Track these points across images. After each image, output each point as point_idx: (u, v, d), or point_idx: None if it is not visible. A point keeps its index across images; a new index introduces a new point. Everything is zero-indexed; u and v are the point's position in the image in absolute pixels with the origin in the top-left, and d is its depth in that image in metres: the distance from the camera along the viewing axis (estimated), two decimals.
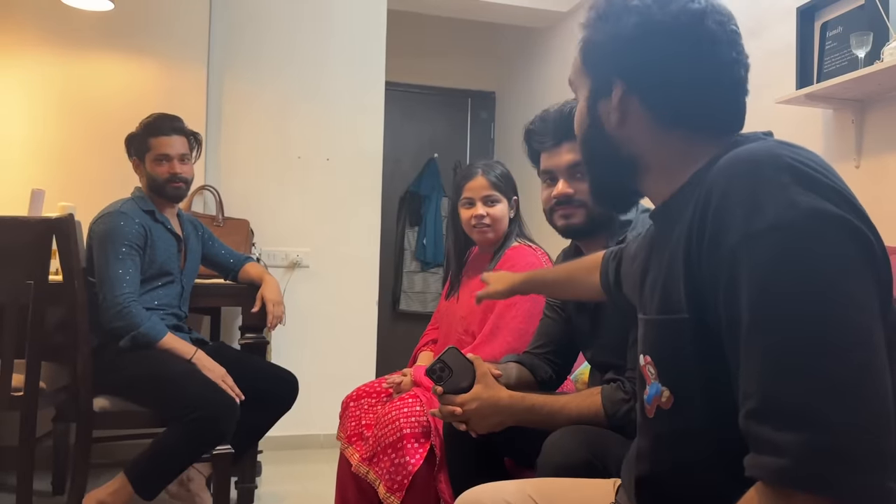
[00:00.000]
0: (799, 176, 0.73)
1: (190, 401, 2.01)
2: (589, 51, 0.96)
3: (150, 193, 2.33)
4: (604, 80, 0.94)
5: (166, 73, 3.21)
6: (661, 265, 0.88)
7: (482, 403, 1.37)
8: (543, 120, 1.59)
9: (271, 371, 2.43)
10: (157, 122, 2.32)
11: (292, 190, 3.48)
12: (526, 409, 1.38)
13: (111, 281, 2.12)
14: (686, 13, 0.88)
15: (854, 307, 0.68)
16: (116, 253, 2.15)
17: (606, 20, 0.93)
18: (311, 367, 3.21)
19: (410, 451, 1.74)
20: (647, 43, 0.89)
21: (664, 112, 0.90)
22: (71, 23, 3.05)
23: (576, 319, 1.63)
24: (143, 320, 2.11)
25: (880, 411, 0.66)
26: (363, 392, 2.11)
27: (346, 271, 3.55)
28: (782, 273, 0.70)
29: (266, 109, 3.45)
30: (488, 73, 4.94)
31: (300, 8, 3.50)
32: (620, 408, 1.32)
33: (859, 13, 2.07)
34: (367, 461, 1.85)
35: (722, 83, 0.89)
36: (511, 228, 2.09)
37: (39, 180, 2.82)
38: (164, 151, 2.29)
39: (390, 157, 4.14)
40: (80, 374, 2.05)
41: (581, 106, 0.99)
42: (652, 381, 0.89)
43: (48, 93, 3.08)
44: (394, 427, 1.80)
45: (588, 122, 0.97)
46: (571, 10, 3.81)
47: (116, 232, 2.16)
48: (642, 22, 0.89)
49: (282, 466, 3.12)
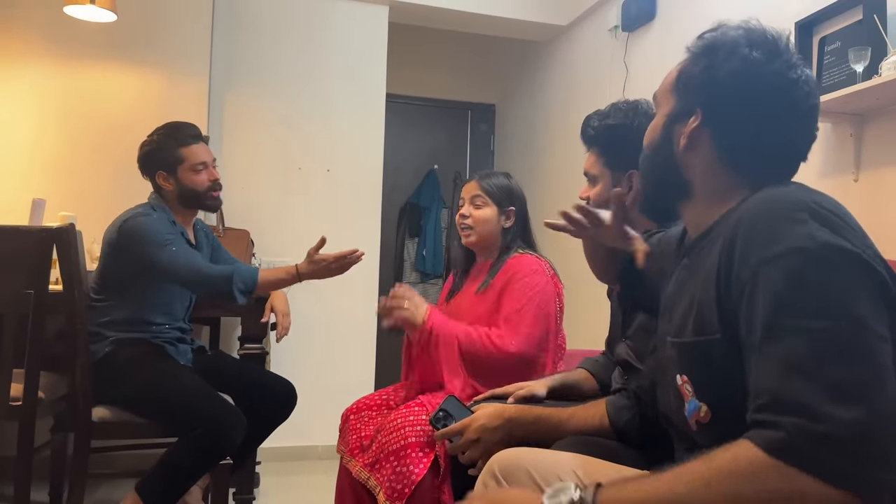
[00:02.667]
0: (816, 215, 0.81)
1: (198, 415, 2.00)
2: (684, 76, 1.04)
3: (179, 206, 2.29)
4: (687, 107, 1.02)
5: (168, 85, 3.22)
6: (695, 292, 0.95)
7: (489, 416, 1.39)
8: None
9: (269, 380, 2.43)
10: (181, 132, 2.28)
11: (293, 201, 3.49)
12: (533, 419, 1.39)
13: (178, 265, 2.11)
14: (782, 78, 0.96)
15: (861, 327, 0.74)
16: (161, 243, 2.12)
17: (710, 55, 1.00)
18: (310, 378, 3.20)
19: (415, 461, 1.72)
20: (737, 90, 0.97)
21: (728, 153, 0.98)
22: (74, 34, 3.07)
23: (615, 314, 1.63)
24: (230, 272, 2.13)
25: (881, 418, 0.71)
26: (363, 405, 2.09)
27: (346, 282, 3.53)
28: (796, 290, 0.77)
29: (267, 121, 3.46)
30: (488, 85, 4.96)
31: (302, 20, 3.52)
32: (625, 415, 1.33)
33: (857, 28, 2.08)
34: (368, 467, 1.83)
35: (787, 146, 0.98)
36: (508, 238, 2.08)
37: (41, 190, 2.83)
38: (201, 160, 2.27)
39: (391, 168, 4.15)
40: (79, 383, 2.05)
41: (658, 122, 1.07)
42: (690, 398, 0.94)
43: (51, 103, 3.10)
44: (399, 434, 1.77)
45: (659, 139, 1.06)
46: (571, 24, 3.83)
47: (151, 226, 2.14)
48: (742, 71, 0.96)
49: (280, 478, 3.11)
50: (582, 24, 3.77)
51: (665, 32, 3.08)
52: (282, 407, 2.40)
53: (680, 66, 1.05)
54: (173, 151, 2.26)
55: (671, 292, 1.06)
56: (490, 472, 1.12)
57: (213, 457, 2.04)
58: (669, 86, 1.06)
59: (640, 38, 3.23)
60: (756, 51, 0.97)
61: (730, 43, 0.99)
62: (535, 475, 1.07)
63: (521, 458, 1.13)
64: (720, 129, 0.98)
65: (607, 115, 1.52)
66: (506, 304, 1.94)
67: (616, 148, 1.50)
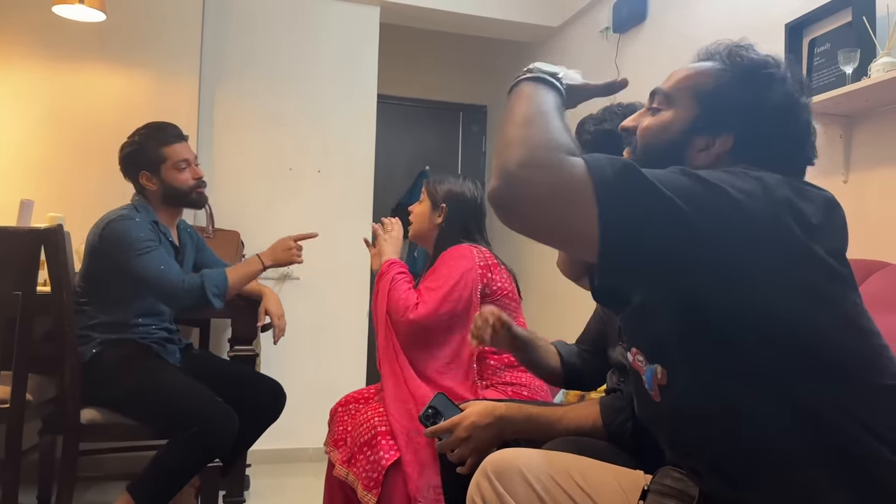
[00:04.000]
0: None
1: (189, 415, 1.99)
2: (716, 92, 1.03)
3: (163, 206, 2.28)
4: (716, 125, 1.02)
5: (158, 85, 3.21)
6: None
7: (479, 414, 1.38)
8: None
9: (259, 380, 2.41)
10: (163, 131, 2.28)
11: (283, 202, 3.48)
12: (524, 418, 1.39)
13: (150, 277, 2.10)
14: (807, 111, 1.04)
15: None
16: (137, 251, 2.10)
17: (749, 76, 1.02)
18: (300, 380, 3.19)
19: (384, 447, 1.78)
20: (778, 125, 1.01)
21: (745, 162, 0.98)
22: (63, 34, 3.05)
23: (608, 318, 1.63)
24: (200, 281, 2.13)
25: None
26: (351, 398, 2.13)
27: (337, 283, 3.55)
28: None
29: (258, 121, 3.45)
30: (480, 87, 4.96)
31: (293, 20, 3.51)
32: (618, 417, 1.32)
33: (847, 30, 2.09)
34: (346, 463, 1.87)
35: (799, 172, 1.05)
36: (442, 234, 2.15)
37: (29, 191, 2.81)
38: (184, 157, 2.27)
39: (382, 169, 4.14)
40: (68, 385, 2.03)
41: (673, 123, 1.06)
42: (644, 367, 0.98)
43: (39, 104, 3.07)
44: (368, 426, 1.84)
45: (674, 142, 1.05)
46: (562, 26, 3.84)
47: (131, 233, 2.12)
48: (785, 106, 1.01)
49: (270, 480, 3.09)
50: (573, 25, 3.77)
51: (656, 34, 3.09)
52: (271, 407, 2.38)
53: (707, 75, 1.05)
54: (156, 151, 2.25)
55: None
56: (483, 473, 1.11)
57: (205, 456, 2.03)
58: (691, 91, 1.06)
59: (631, 40, 3.24)
60: (794, 83, 1.02)
61: (770, 71, 1.02)
62: (529, 475, 1.07)
63: (514, 458, 1.12)
64: (749, 156, 0.99)
65: (603, 119, 1.50)
66: (426, 281, 2.04)
67: (613, 153, 1.50)
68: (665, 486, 1.00)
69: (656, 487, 1.02)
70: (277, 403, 2.39)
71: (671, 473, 1.01)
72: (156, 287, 2.12)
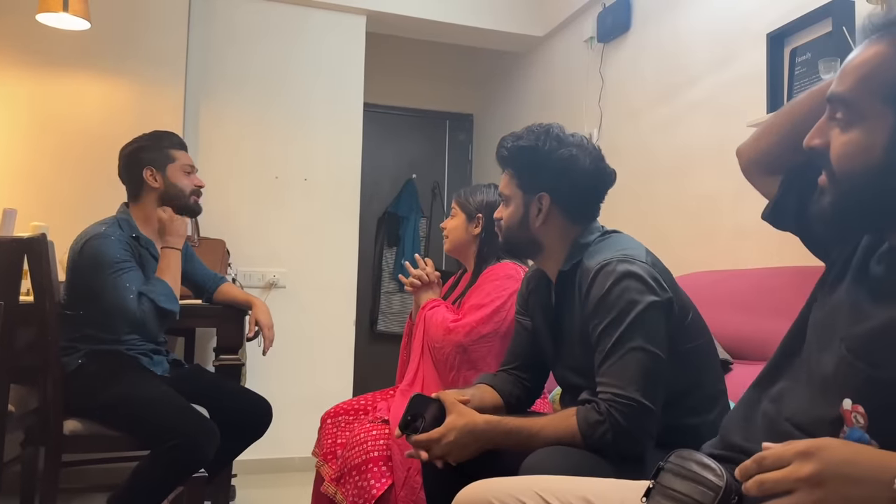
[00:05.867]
0: None
1: (170, 427, 1.97)
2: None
3: (150, 210, 2.26)
4: None
5: (143, 94, 3.20)
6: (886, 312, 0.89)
7: (459, 432, 1.37)
8: None
9: (246, 397, 2.39)
10: (170, 137, 2.32)
11: (269, 210, 3.47)
12: (503, 433, 1.38)
13: (116, 304, 2.06)
14: None
15: None
16: (113, 270, 2.07)
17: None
18: (287, 389, 3.18)
19: (375, 475, 1.76)
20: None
21: None
22: (47, 42, 3.03)
23: (541, 339, 1.64)
24: (148, 299, 2.08)
25: None
26: (342, 409, 2.12)
27: (324, 292, 3.53)
28: None
29: (243, 130, 3.45)
30: (466, 95, 4.98)
31: (279, 29, 3.52)
32: (596, 430, 1.32)
33: (827, 40, 2.12)
34: (335, 482, 1.86)
35: None
36: (481, 246, 2.11)
37: (11, 200, 2.79)
38: (190, 163, 2.31)
39: (369, 177, 4.15)
40: (50, 396, 2.01)
41: (873, 138, 0.87)
42: (853, 427, 0.86)
43: (22, 112, 3.05)
44: (360, 449, 1.81)
45: (879, 167, 0.87)
46: (547, 35, 3.87)
47: (105, 252, 2.09)
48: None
49: (256, 490, 3.07)
50: (558, 35, 3.80)
51: (639, 44, 3.12)
52: (257, 423, 2.36)
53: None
54: (166, 151, 2.27)
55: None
56: None
57: (185, 469, 2.01)
58: (879, 92, 0.86)
59: (616, 49, 3.27)
60: None
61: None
62: (496, 503, 1.08)
63: (484, 491, 1.12)
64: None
65: (520, 136, 1.54)
66: (471, 299, 2.00)
67: (527, 170, 1.53)
68: (672, 491, 0.97)
69: (661, 490, 0.99)
70: (264, 420, 2.37)
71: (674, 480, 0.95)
72: (120, 316, 2.08)
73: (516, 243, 1.59)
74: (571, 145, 1.50)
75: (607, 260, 1.39)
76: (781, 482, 0.75)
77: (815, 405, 0.93)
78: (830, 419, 0.89)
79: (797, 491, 0.75)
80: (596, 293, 1.37)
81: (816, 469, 0.74)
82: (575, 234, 1.52)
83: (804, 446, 0.76)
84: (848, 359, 0.89)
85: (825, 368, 0.93)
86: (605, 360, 1.34)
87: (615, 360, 1.33)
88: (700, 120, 2.71)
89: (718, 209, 2.57)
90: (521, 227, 1.54)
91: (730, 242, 2.50)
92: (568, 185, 1.49)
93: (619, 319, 1.33)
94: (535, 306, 1.65)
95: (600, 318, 1.36)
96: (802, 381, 0.99)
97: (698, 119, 2.72)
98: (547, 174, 1.50)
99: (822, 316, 1.01)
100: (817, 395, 0.94)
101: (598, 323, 1.36)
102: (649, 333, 1.32)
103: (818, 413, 0.92)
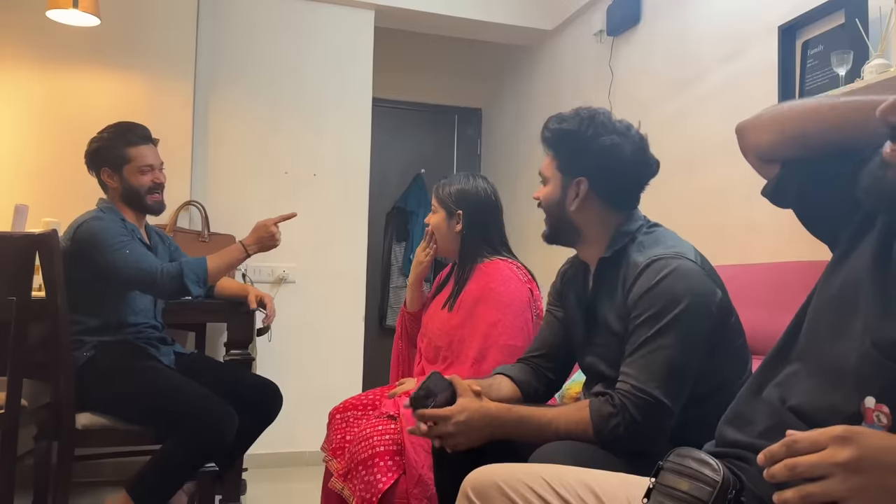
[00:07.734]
0: None
1: (185, 413, 1.98)
2: None
3: (122, 204, 2.29)
4: None
5: (153, 89, 3.20)
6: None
7: (471, 414, 1.37)
8: None
9: (254, 380, 2.41)
10: (130, 132, 2.29)
11: (279, 205, 3.46)
12: (515, 421, 1.38)
13: (128, 269, 2.10)
14: None
15: None
16: (113, 246, 2.11)
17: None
18: (296, 384, 3.19)
19: (382, 470, 1.74)
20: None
21: None
22: (57, 38, 3.05)
23: (573, 325, 1.62)
24: (179, 268, 2.13)
25: None
26: (350, 405, 2.11)
27: (333, 287, 3.54)
28: None
29: (253, 125, 3.45)
30: (474, 90, 4.97)
31: (288, 24, 3.52)
32: (609, 423, 1.32)
33: (840, 32, 2.10)
34: (342, 477, 1.85)
35: None
36: (465, 242, 2.07)
37: (23, 195, 2.80)
38: (148, 162, 2.28)
39: (377, 172, 4.15)
40: (63, 390, 2.03)
41: None
42: (875, 425, 0.84)
43: (33, 108, 3.07)
44: (367, 444, 1.80)
45: None
46: (556, 29, 3.85)
47: (103, 230, 2.13)
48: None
49: (267, 484, 3.09)
50: (567, 28, 3.78)
51: (649, 37, 3.10)
52: (268, 407, 2.37)
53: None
54: (121, 150, 2.27)
55: None
56: (464, 494, 1.13)
57: (205, 453, 2.02)
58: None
59: (625, 43, 3.25)
60: None
61: None
62: (506, 488, 1.08)
63: (491, 474, 1.13)
64: None
65: (564, 119, 1.53)
66: (483, 318, 1.94)
67: (567, 153, 1.52)
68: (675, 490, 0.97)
69: (662, 490, 0.99)
70: (274, 403, 2.38)
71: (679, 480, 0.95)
72: (134, 277, 2.12)
73: (558, 227, 1.55)
74: (614, 133, 1.48)
75: (659, 256, 1.38)
76: (817, 466, 0.72)
77: (826, 394, 0.92)
78: (844, 412, 0.87)
79: (832, 476, 0.72)
80: (642, 287, 1.36)
81: (855, 455, 0.71)
82: (617, 222, 1.50)
83: (841, 431, 0.73)
84: (874, 356, 0.86)
85: (842, 359, 0.91)
86: (635, 351, 1.34)
87: (644, 353, 1.33)
88: (710, 114, 2.69)
89: (728, 204, 2.55)
90: (559, 209, 1.52)
91: (740, 237, 2.49)
92: (607, 172, 1.48)
93: (660, 315, 1.32)
94: (568, 294, 1.64)
95: (641, 311, 1.35)
96: (811, 366, 0.97)
97: (709, 113, 2.70)
98: (587, 160, 1.48)
99: (832, 296, 0.98)
100: (828, 385, 0.92)
101: (639, 315, 1.35)
102: (687, 333, 1.32)
103: (828, 402, 0.91)
